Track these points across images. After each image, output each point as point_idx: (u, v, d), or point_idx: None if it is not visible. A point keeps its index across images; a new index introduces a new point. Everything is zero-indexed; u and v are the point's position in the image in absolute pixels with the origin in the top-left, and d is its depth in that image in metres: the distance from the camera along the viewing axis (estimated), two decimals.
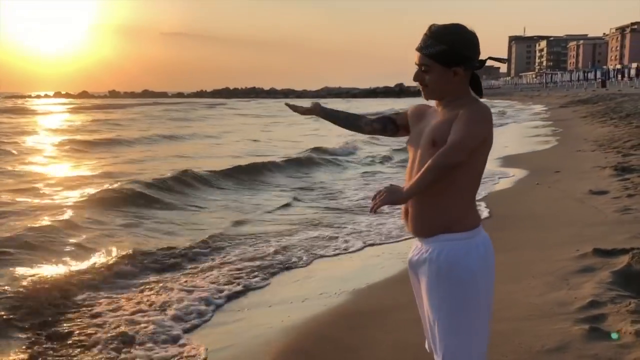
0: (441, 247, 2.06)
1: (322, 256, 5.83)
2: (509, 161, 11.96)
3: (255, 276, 5.15)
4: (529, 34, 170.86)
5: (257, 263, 5.52)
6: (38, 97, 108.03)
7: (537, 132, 19.37)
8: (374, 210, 2.01)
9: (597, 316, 3.36)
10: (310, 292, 4.78)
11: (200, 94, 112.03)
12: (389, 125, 2.35)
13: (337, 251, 5.99)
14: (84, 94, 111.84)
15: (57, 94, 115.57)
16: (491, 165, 11.92)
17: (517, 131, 20.74)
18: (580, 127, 19.21)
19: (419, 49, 2.08)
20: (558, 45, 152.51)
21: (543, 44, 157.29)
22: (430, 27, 2.08)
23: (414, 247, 2.21)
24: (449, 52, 2.02)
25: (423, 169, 1.96)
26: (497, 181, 9.50)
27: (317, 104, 2.42)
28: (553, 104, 39.89)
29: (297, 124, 28.93)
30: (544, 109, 36.10)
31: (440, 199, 2.04)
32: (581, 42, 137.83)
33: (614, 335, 3.07)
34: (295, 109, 2.46)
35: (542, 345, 3.10)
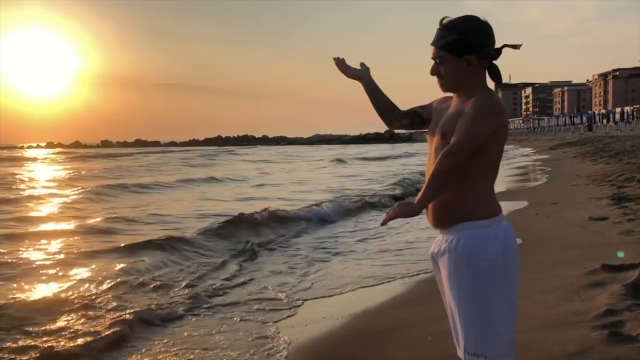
0: (459, 236, 2.06)
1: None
2: (503, 196, 12.03)
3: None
4: (514, 80, 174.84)
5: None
6: (30, 147, 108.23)
7: (529, 170, 19.60)
8: (386, 222, 2.02)
9: (614, 323, 3.33)
10: (312, 316, 4.68)
11: (193, 143, 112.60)
12: (415, 120, 2.35)
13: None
14: (76, 144, 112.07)
15: (50, 144, 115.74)
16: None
17: (509, 170, 20.96)
18: (572, 165, 19.44)
19: (432, 43, 2.13)
20: (543, 92, 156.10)
21: (529, 90, 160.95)
22: (441, 21, 2.11)
23: (436, 241, 2.21)
24: (460, 42, 2.05)
25: (430, 177, 1.98)
26: None
27: (366, 70, 2.39)
28: (542, 146, 40.51)
29: (316, 169, 29.05)
30: (534, 151, 36.62)
31: (457, 190, 2.04)
32: (566, 88, 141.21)
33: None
34: (343, 67, 2.41)
35: (563, 351, 3.06)
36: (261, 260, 7.05)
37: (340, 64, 2.42)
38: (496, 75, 2.14)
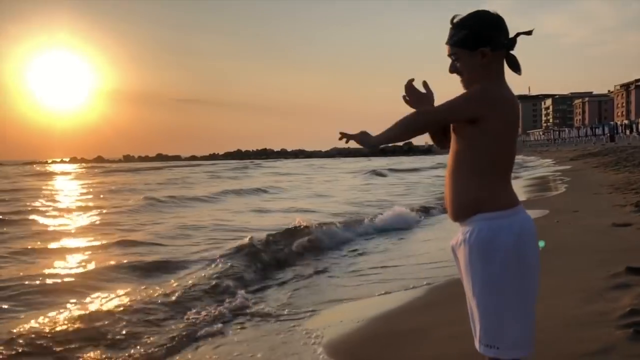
0: (474, 227, 2.07)
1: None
2: (524, 205, 11.91)
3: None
4: (534, 92, 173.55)
5: None
6: (54, 162, 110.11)
7: (549, 180, 19.37)
8: (343, 137, 2.18)
9: (639, 322, 3.28)
10: (328, 320, 4.68)
11: (213, 157, 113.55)
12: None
13: None
14: (99, 159, 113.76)
15: (73, 160, 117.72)
16: None
17: (529, 180, 20.74)
18: (594, 175, 19.18)
19: (447, 42, 2.17)
20: (564, 103, 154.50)
21: (548, 102, 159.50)
22: (452, 19, 2.16)
23: (456, 235, 2.22)
24: (471, 36, 2.09)
25: (395, 123, 2.09)
26: None
27: (430, 97, 2.35)
28: (563, 157, 40.02)
29: (351, 179, 28.97)
30: (554, 162, 36.20)
31: (466, 183, 2.08)
32: (587, 99, 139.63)
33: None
34: (410, 93, 2.34)
35: (586, 349, 3.03)
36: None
37: (409, 91, 2.35)
38: (515, 64, 2.15)
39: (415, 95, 2.35)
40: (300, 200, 17.52)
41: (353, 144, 2.20)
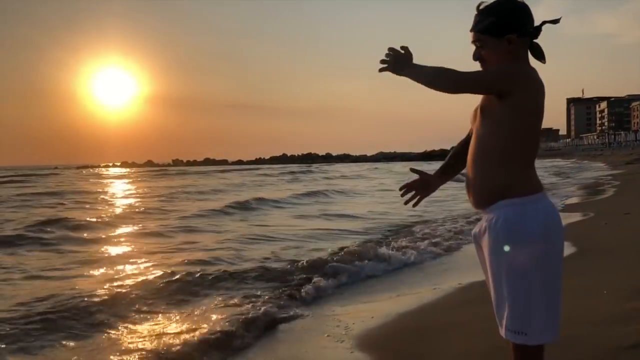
0: (499, 213, 2.04)
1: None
2: (573, 207, 11.59)
3: None
4: (587, 95, 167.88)
5: None
6: (107, 166, 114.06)
7: (601, 183, 18.73)
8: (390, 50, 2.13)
9: None
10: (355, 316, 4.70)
11: (259, 161, 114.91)
12: None
13: None
14: (149, 163, 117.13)
15: (124, 164, 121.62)
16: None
17: (578, 183, 20.11)
18: None
19: (471, 29, 2.15)
20: (620, 106, 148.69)
21: (603, 104, 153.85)
22: (478, 6, 2.14)
23: (479, 223, 2.21)
24: (498, 23, 2.07)
25: (429, 68, 2.07)
26: (563, 222, 9.20)
27: (436, 181, 2.40)
28: (617, 162, 38.61)
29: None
30: (607, 166, 34.97)
31: (491, 169, 2.06)
32: None
33: None
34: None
35: (618, 344, 2.96)
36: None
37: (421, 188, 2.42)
38: (539, 53, 2.14)
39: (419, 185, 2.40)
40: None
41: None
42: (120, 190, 27.09)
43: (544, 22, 2.12)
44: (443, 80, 2.07)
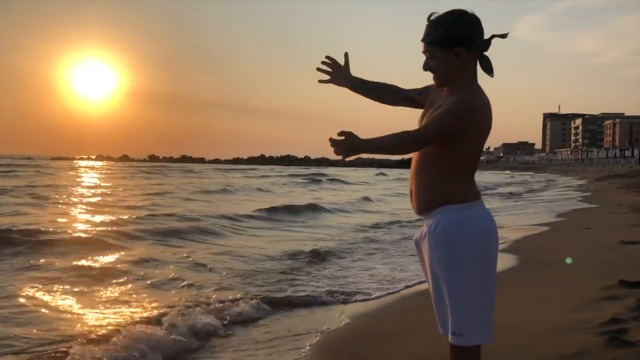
0: (438, 219, 2.14)
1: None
2: (540, 221, 11.85)
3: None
4: (563, 111, 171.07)
5: None
6: (82, 159, 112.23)
7: (570, 198, 19.14)
8: (332, 141, 2.08)
9: (618, 330, 3.34)
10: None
11: (237, 161, 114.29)
12: (413, 103, 2.45)
13: None
14: (124, 158, 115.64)
15: (99, 157, 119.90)
16: (518, 221, 11.87)
17: (550, 198, 20.52)
18: (616, 195, 18.90)
19: (422, 39, 2.20)
20: (594, 123, 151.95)
21: (578, 121, 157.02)
22: (429, 17, 2.18)
23: (420, 228, 2.30)
24: (448, 35, 2.12)
25: (387, 136, 2.12)
26: (524, 232, 9.43)
27: (346, 70, 2.49)
28: (588, 177, 39.38)
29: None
30: (580, 182, 35.68)
31: (436, 178, 2.15)
32: (617, 120, 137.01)
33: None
34: (334, 78, 2.50)
35: (560, 353, 3.08)
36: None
37: (333, 70, 2.50)
38: (488, 66, 2.20)
39: (335, 68, 2.48)
40: None
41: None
42: (171, 191, 22.05)
43: (493, 36, 2.17)
44: (406, 146, 2.13)
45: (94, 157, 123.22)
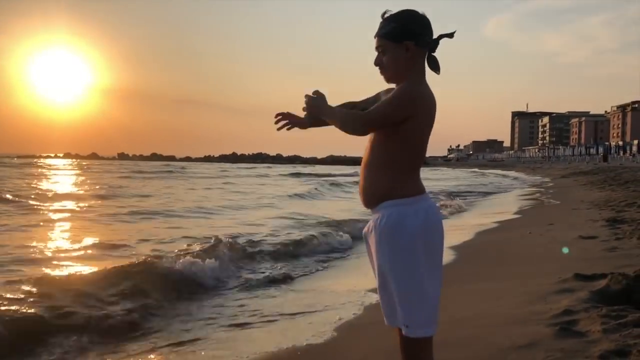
0: (383, 213, 2.19)
1: None
2: (503, 217, 12.09)
3: None
4: (532, 109, 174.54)
5: None
6: (48, 157, 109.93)
7: (536, 196, 19.55)
8: (306, 95, 2.34)
9: (569, 321, 3.41)
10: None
11: (208, 159, 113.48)
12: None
13: None
14: (93, 156, 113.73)
15: (67, 155, 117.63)
16: (483, 219, 12.09)
17: (515, 196, 20.93)
18: (579, 192, 19.36)
19: (375, 35, 2.28)
20: (560, 122, 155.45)
21: (546, 119, 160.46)
22: (383, 14, 2.28)
23: (368, 223, 2.33)
24: (399, 28, 2.21)
25: (343, 111, 2.29)
26: (488, 229, 9.60)
27: (306, 118, 2.47)
28: (554, 175, 40.29)
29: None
30: (545, 179, 36.45)
31: (380, 172, 2.21)
32: (583, 119, 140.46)
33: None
34: (297, 122, 2.49)
35: (512, 344, 3.15)
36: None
37: (293, 120, 2.48)
38: (435, 64, 2.27)
39: (290, 117, 2.50)
40: None
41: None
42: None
43: (441, 36, 2.25)
44: (352, 124, 2.22)
45: (61, 155, 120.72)
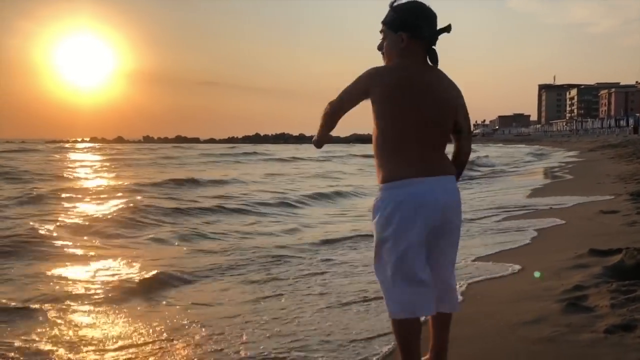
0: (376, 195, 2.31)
1: None
2: (530, 192, 11.97)
3: None
4: (559, 82, 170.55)
5: None
6: (75, 142, 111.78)
7: (562, 170, 19.25)
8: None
9: (578, 297, 3.42)
10: None
11: (232, 140, 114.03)
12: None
13: None
14: (119, 139, 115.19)
15: (94, 139, 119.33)
16: (515, 196, 11.90)
17: (541, 170, 20.63)
18: (606, 165, 19.01)
19: (382, 21, 2.35)
20: (589, 94, 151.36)
21: (574, 92, 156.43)
22: (391, 3, 2.32)
23: None
24: (398, 19, 2.26)
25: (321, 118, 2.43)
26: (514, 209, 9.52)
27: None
28: (582, 148, 39.50)
29: None
30: (573, 153, 35.78)
31: (375, 158, 2.30)
32: (613, 90, 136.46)
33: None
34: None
35: (520, 319, 3.17)
36: None
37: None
38: (433, 58, 2.30)
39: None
40: None
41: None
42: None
43: (439, 30, 2.26)
44: (328, 112, 2.35)
45: (88, 139, 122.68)
